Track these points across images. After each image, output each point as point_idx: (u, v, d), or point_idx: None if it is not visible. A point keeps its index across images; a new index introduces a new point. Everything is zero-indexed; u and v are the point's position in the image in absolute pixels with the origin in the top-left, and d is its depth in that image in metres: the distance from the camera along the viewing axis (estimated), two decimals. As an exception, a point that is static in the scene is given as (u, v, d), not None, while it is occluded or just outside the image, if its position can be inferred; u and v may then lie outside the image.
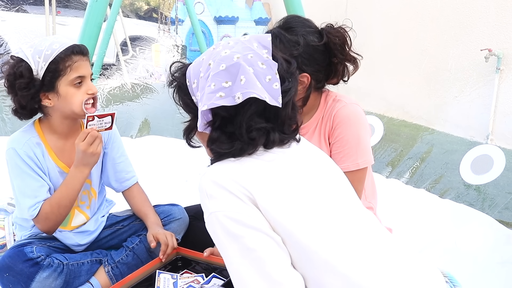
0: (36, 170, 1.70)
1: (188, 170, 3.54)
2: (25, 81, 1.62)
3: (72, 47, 1.66)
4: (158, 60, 7.66)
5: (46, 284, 1.65)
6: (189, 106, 1.21)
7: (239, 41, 1.16)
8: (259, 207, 1.07)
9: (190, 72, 1.19)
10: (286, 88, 1.14)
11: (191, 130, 1.25)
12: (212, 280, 1.71)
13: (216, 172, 1.11)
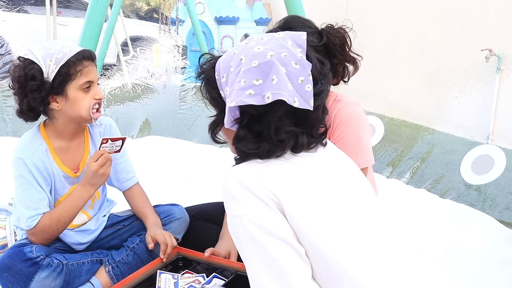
0: (40, 182, 1.71)
1: (189, 170, 3.55)
2: (36, 83, 1.63)
3: (83, 52, 1.68)
4: (158, 60, 7.65)
5: (45, 283, 1.65)
6: (216, 101, 1.17)
7: (273, 38, 1.11)
8: (285, 214, 1.03)
9: (220, 66, 1.15)
10: (318, 91, 1.09)
11: (217, 125, 1.20)
12: (213, 280, 1.71)
13: (243, 173, 1.07)
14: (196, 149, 4.21)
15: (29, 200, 1.70)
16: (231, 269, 1.74)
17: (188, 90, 4.95)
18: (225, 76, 1.12)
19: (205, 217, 2.04)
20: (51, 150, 1.76)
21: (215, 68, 1.16)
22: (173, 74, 7.39)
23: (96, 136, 1.88)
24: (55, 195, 1.79)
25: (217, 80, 1.16)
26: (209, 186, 3.17)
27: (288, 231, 1.02)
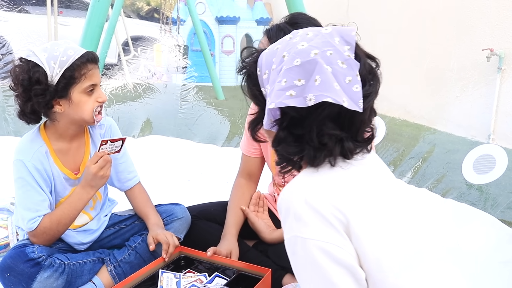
0: (41, 183, 1.71)
1: (190, 170, 3.54)
2: (41, 87, 1.61)
3: (87, 54, 1.67)
4: (159, 60, 7.65)
5: (47, 284, 1.65)
6: (257, 98, 1.10)
7: (319, 33, 1.02)
8: (350, 234, 0.97)
9: (262, 61, 1.07)
10: (366, 93, 1.01)
11: (257, 124, 1.13)
12: (215, 280, 1.71)
13: (309, 191, 0.99)
14: (198, 149, 4.21)
15: (29, 202, 1.70)
16: (233, 269, 1.74)
17: (189, 89, 4.95)
18: (267, 73, 1.05)
19: (207, 217, 2.04)
20: (52, 152, 1.75)
21: (257, 63, 1.09)
22: (174, 74, 7.40)
23: (96, 137, 1.88)
24: (56, 197, 1.79)
25: (258, 76, 1.08)
26: (211, 185, 3.18)
27: (352, 256, 0.97)
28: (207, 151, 4.13)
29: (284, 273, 1.81)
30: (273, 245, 1.90)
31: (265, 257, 1.88)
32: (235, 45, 10.32)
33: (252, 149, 2.06)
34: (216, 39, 10.11)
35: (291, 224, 0.98)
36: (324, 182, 1.01)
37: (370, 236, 0.97)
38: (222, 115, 4.73)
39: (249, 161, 2.08)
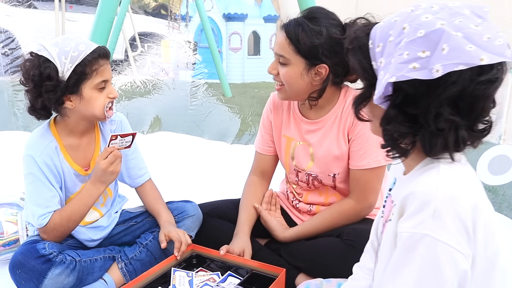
0: (51, 179, 1.69)
1: (200, 167, 3.52)
2: (52, 83, 1.59)
3: (98, 49, 1.64)
4: (167, 56, 7.64)
5: (58, 281, 1.63)
6: (367, 72, 1.03)
7: (446, 7, 0.94)
8: (475, 238, 0.92)
9: (376, 33, 1.00)
10: (493, 77, 0.90)
11: (363, 100, 1.07)
12: (228, 279, 1.69)
13: (456, 191, 0.92)
14: (207, 146, 4.19)
15: (39, 198, 1.68)
16: (246, 268, 1.72)
17: (199, 86, 4.93)
18: (381, 45, 0.98)
19: (219, 214, 2.01)
20: (62, 148, 1.73)
21: (370, 35, 1.02)
22: (182, 70, 7.38)
23: (106, 133, 1.86)
24: (66, 193, 1.77)
25: (370, 49, 1.01)
26: (220, 183, 3.15)
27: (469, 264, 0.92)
28: (216, 148, 4.11)
29: (297, 272, 1.79)
30: (285, 244, 1.88)
31: (277, 256, 1.85)
32: (243, 42, 10.31)
33: (266, 147, 2.03)
34: (224, 36, 10.10)
35: (425, 220, 0.90)
36: (464, 181, 0.95)
37: (489, 238, 0.93)
38: (232, 112, 4.70)
39: (263, 159, 2.06)
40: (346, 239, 1.73)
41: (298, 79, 1.71)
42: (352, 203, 1.83)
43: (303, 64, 1.69)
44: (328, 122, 1.83)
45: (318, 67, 1.68)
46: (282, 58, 1.71)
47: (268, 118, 2.01)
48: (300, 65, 1.69)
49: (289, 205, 2.06)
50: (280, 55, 1.71)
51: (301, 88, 1.74)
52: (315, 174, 1.88)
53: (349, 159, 1.81)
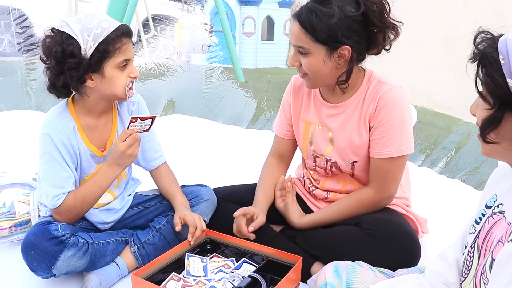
0: (67, 159, 1.66)
1: (214, 151, 3.49)
2: (75, 61, 1.55)
3: (121, 27, 1.60)
4: (181, 39, 7.58)
5: (71, 263, 1.60)
6: (502, 90, 0.96)
7: None
8: None
9: (509, 48, 0.95)
10: None
11: (493, 122, 0.99)
12: (243, 266, 1.66)
13: None
14: (221, 130, 4.15)
15: (54, 178, 1.65)
16: (261, 255, 1.68)
17: (214, 69, 4.87)
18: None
19: (234, 199, 1.98)
20: (79, 128, 1.70)
21: (500, 50, 0.96)
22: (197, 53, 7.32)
23: (124, 114, 1.82)
24: (81, 174, 1.75)
25: (503, 65, 0.95)
26: (234, 168, 3.11)
27: None
28: (231, 133, 4.07)
29: (313, 261, 1.75)
30: (301, 231, 1.84)
31: (293, 244, 1.82)
32: (256, 26, 10.24)
33: (285, 130, 1.99)
34: (237, 20, 10.03)
35: None
36: None
37: None
38: (247, 97, 4.65)
39: (281, 142, 2.02)
40: (365, 228, 1.69)
41: (322, 66, 1.66)
42: (371, 192, 1.78)
43: (324, 51, 1.63)
44: (349, 107, 1.78)
45: (340, 49, 1.62)
46: (301, 48, 1.66)
47: (288, 101, 1.97)
48: (321, 52, 1.63)
49: (305, 191, 2.03)
50: (299, 47, 1.66)
51: (327, 74, 1.69)
52: (333, 160, 1.84)
53: (369, 147, 1.76)
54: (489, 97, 0.98)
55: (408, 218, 1.88)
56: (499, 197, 1.14)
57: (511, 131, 0.97)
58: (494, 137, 1.00)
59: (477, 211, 1.22)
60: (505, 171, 1.16)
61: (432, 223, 2.06)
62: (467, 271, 1.17)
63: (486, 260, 1.08)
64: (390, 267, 1.58)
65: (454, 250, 1.28)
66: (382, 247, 1.64)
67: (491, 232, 1.11)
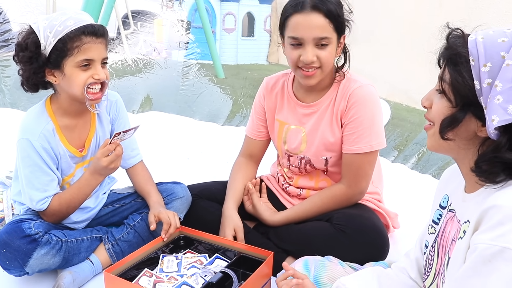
0: (48, 163, 1.66)
1: (190, 148, 3.49)
2: (27, 54, 1.56)
3: (84, 27, 1.58)
4: (160, 35, 7.54)
5: (44, 261, 1.61)
6: (468, 91, 0.97)
7: None
8: None
9: (479, 51, 0.95)
10: None
11: (454, 122, 1.00)
12: (216, 261, 1.68)
13: None
14: (198, 126, 4.15)
15: (37, 182, 1.66)
16: (234, 250, 1.70)
17: (191, 66, 4.86)
18: (489, 66, 0.94)
19: (208, 196, 2.00)
20: (58, 130, 1.70)
21: (470, 51, 0.96)
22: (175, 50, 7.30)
23: (103, 113, 1.82)
24: (61, 175, 1.75)
25: (472, 67, 0.96)
26: (211, 164, 3.13)
27: None
28: (207, 129, 4.08)
29: (285, 255, 1.79)
30: (274, 228, 1.87)
31: (266, 239, 1.85)
32: (237, 23, 10.21)
33: (256, 131, 2.02)
34: (218, 16, 9.99)
35: (506, 233, 0.89)
36: None
37: None
38: (224, 93, 4.65)
39: (252, 143, 2.05)
40: (335, 223, 1.73)
41: (333, 55, 1.72)
42: (343, 188, 1.82)
43: (335, 39, 1.69)
44: (322, 106, 1.81)
45: (343, 36, 1.71)
46: (324, 40, 1.66)
47: (261, 103, 1.99)
48: (335, 41, 1.69)
49: (279, 188, 2.05)
50: (322, 38, 1.65)
51: (332, 64, 1.75)
52: (307, 158, 1.87)
53: (342, 144, 1.80)
54: (453, 95, 0.99)
55: (379, 214, 1.92)
56: (450, 196, 1.18)
57: (467, 131, 1.00)
58: (451, 135, 1.02)
59: (432, 212, 1.25)
60: (453, 171, 1.20)
61: (403, 218, 2.10)
62: (429, 270, 1.21)
63: (445, 260, 1.12)
64: (359, 261, 1.63)
65: (414, 249, 1.33)
66: (352, 242, 1.68)
67: (446, 231, 1.15)
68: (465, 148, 1.03)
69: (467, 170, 1.04)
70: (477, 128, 0.99)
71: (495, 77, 0.92)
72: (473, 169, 0.99)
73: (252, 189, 1.95)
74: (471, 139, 1.01)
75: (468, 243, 0.98)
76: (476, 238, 0.95)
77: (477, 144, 1.00)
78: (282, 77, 1.96)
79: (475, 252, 0.93)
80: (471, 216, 1.00)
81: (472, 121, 0.98)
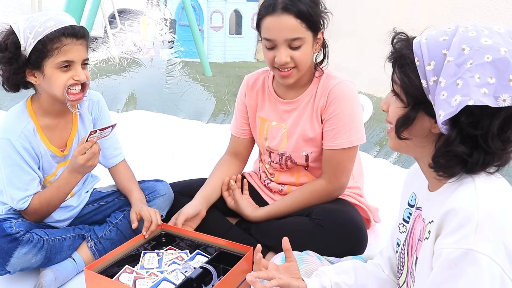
0: (29, 162, 1.67)
1: (175, 146, 3.50)
2: (7, 55, 1.57)
3: (64, 28, 1.58)
4: (146, 34, 7.52)
5: (25, 259, 1.62)
6: (418, 91, 1.00)
7: (494, 31, 0.96)
8: None
9: (423, 51, 0.98)
10: None
11: (407, 121, 1.03)
12: (196, 257, 1.69)
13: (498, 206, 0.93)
14: (182, 125, 4.16)
15: (18, 182, 1.67)
16: (214, 246, 1.72)
17: (175, 64, 4.86)
18: (433, 64, 0.97)
19: (190, 193, 2.01)
20: (39, 130, 1.70)
21: (415, 52, 1.00)
22: (161, 48, 7.28)
23: (84, 113, 1.83)
24: (43, 174, 1.76)
25: (418, 67, 0.99)
26: (195, 162, 3.14)
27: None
28: (192, 127, 4.08)
29: (266, 251, 1.81)
30: (256, 223, 1.89)
31: (247, 235, 1.87)
32: (224, 20, 10.20)
33: (240, 129, 2.04)
34: (205, 14, 9.97)
35: (467, 235, 0.91)
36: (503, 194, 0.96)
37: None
38: (208, 91, 4.66)
39: (237, 141, 2.07)
40: (314, 218, 1.75)
41: (310, 54, 1.73)
42: (324, 183, 1.84)
43: (311, 37, 1.70)
44: (303, 103, 1.83)
45: (320, 33, 1.72)
46: (296, 41, 1.67)
47: (242, 101, 2.01)
48: (310, 39, 1.70)
49: (261, 184, 2.07)
50: (294, 39, 1.66)
51: (309, 62, 1.76)
52: (288, 154, 1.89)
53: (322, 139, 1.82)
54: (404, 96, 1.03)
55: (359, 208, 1.95)
56: (416, 194, 1.21)
57: (422, 129, 1.03)
58: (407, 134, 1.05)
59: (401, 210, 1.28)
60: (417, 169, 1.22)
61: (385, 212, 2.12)
62: (401, 268, 1.23)
63: (413, 259, 1.14)
64: (337, 255, 1.65)
65: (387, 248, 1.35)
66: (330, 236, 1.70)
67: (414, 229, 1.17)
68: (422, 146, 1.05)
69: (427, 168, 1.06)
70: (430, 125, 1.01)
71: (439, 74, 0.96)
72: (431, 165, 1.02)
73: (234, 185, 1.97)
74: (426, 136, 1.04)
75: (433, 246, 1.00)
76: (439, 243, 0.97)
77: (433, 141, 1.03)
78: (262, 74, 1.98)
79: (440, 257, 0.95)
80: (434, 217, 1.03)
81: (425, 119, 1.01)
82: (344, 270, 1.33)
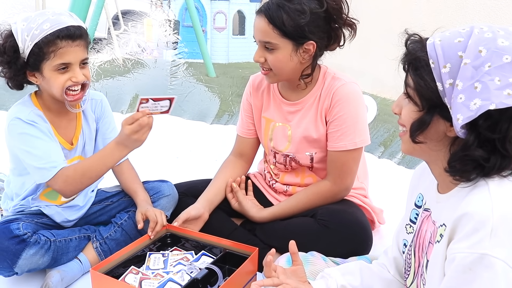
0: (45, 132, 1.65)
1: (179, 147, 3.51)
2: (6, 59, 1.58)
3: (59, 31, 1.56)
4: (150, 35, 7.54)
5: (33, 261, 1.62)
6: (434, 94, 0.98)
7: (510, 32, 0.95)
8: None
9: (438, 53, 0.97)
10: None
11: (423, 125, 1.02)
12: (202, 258, 1.70)
13: None
14: (187, 126, 4.16)
15: (39, 152, 1.60)
16: (220, 247, 1.73)
17: (179, 65, 4.87)
18: (449, 66, 0.95)
19: (194, 194, 2.02)
20: (46, 117, 1.70)
21: (429, 54, 0.98)
22: (165, 49, 7.30)
23: (88, 112, 1.83)
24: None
25: (433, 69, 0.97)
26: (199, 163, 3.15)
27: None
28: (196, 128, 4.09)
29: (272, 251, 1.80)
30: (261, 224, 1.89)
31: (252, 236, 1.87)
32: (227, 21, 10.21)
33: (246, 129, 2.05)
34: (208, 15, 9.98)
35: (482, 240, 0.91)
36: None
37: None
38: (212, 92, 4.66)
39: (243, 142, 2.07)
40: (319, 219, 1.75)
41: (288, 61, 1.71)
42: (329, 185, 1.84)
43: (291, 46, 1.68)
44: (307, 104, 1.84)
45: (306, 44, 1.68)
46: (268, 44, 1.69)
47: (248, 101, 2.02)
48: (288, 47, 1.69)
49: (265, 185, 2.08)
50: (266, 42, 1.69)
51: (292, 69, 1.75)
52: (292, 155, 1.89)
53: (327, 141, 1.83)
54: (418, 99, 1.01)
55: (364, 209, 1.95)
56: (424, 195, 1.20)
57: (437, 133, 1.02)
58: (422, 138, 1.04)
59: (407, 211, 1.27)
60: (423, 169, 1.22)
61: (390, 213, 2.12)
62: (408, 269, 1.23)
63: (423, 261, 1.14)
64: (342, 256, 1.66)
65: (392, 248, 1.35)
66: (335, 237, 1.71)
67: (422, 230, 1.17)
68: (436, 149, 1.05)
69: (439, 171, 1.06)
70: (446, 128, 1.00)
71: (455, 77, 0.94)
72: (447, 169, 1.00)
73: (236, 187, 1.97)
74: (441, 140, 1.03)
75: (445, 250, 1.00)
76: (453, 248, 0.96)
77: (448, 145, 1.02)
78: None
79: (454, 262, 0.95)
80: (446, 220, 1.02)
81: (440, 122, 1.00)
82: (350, 272, 1.34)
